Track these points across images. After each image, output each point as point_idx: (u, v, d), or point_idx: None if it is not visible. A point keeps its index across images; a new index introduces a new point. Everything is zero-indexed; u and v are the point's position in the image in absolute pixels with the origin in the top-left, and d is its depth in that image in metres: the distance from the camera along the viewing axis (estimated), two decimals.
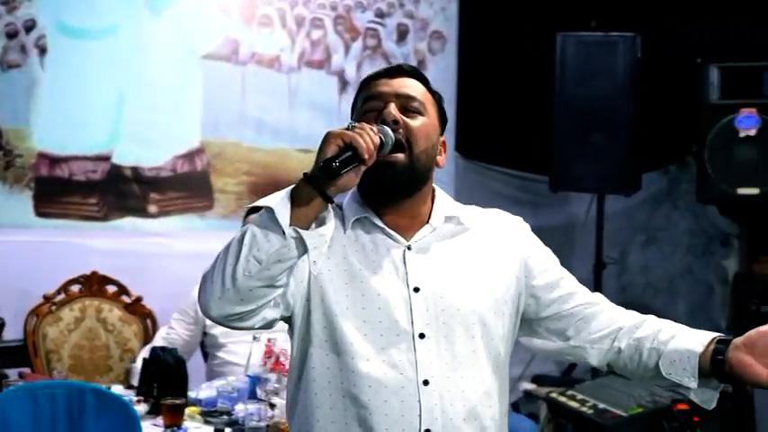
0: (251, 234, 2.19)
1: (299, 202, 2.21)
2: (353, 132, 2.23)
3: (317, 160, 2.23)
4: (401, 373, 2.33)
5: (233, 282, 2.19)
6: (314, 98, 6.84)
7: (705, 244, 9.06)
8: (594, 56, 6.66)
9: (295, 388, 2.45)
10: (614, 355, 2.50)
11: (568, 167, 6.75)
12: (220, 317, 2.27)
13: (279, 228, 2.17)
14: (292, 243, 2.19)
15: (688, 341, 2.39)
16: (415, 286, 2.38)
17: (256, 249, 2.18)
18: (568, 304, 2.53)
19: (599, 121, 6.62)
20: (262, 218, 2.20)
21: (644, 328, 2.48)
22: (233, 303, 2.23)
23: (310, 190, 2.21)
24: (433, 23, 7.00)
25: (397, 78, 2.49)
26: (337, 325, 2.35)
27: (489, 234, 2.52)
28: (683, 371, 2.37)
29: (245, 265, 2.18)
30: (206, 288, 2.25)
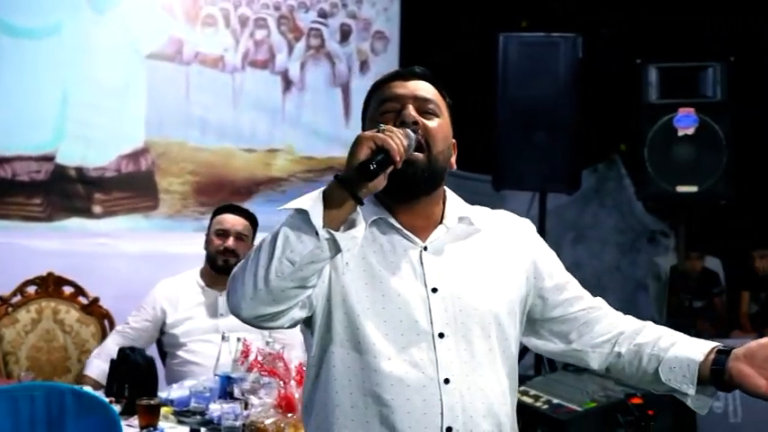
0: (283, 236, 2.19)
1: (331, 204, 2.21)
2: (384, 135, 2.25)
3: (348, 163, 2.24)
4: (423, 372, 2.37)
5: (265, 283, 2.20)
6: (258, 98, 6.86)
7: (632, 241, 9.24)
8: (536, 56, 6.72)
9: (312, 386, 2.48)
10: (614, 359, 2.56)
11: (511, 166, 6.81)
12: (251, 317, 2.28)
13: (312, 229, 2.18)
14: (325, 244, 2.20)
15: (688, 349, 2.45)
16: (433, 287, 2.42)
17: (289, 251, 2.18)
18: (573, 308, 2.59)
19: (541, 120, 6.69)
20: (294, 219, 2.21)
21: (644, 334, 2.54)
22: (264, 304, 2.24)
23: (343, 192, 2.22)
24: (375, 24, 7.04)
25: (412, 81, 2.52)
26: (359, 324, 2.38)
27: (499, 235, 2.56)
28: (682, 377, 2.44)
29: (278, 266, 2.19)
30: (236, 289, 2.26)
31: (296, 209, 2.21)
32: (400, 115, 2.44)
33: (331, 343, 2.40)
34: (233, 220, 5.21)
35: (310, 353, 2.47)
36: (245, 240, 5.21)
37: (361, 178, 2.21)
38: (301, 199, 2.23)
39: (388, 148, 2.23)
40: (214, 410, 4.04)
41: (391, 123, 2.40)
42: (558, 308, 2.58)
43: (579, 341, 2.59)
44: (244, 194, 6.76)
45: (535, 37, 6.82)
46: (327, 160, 6.98)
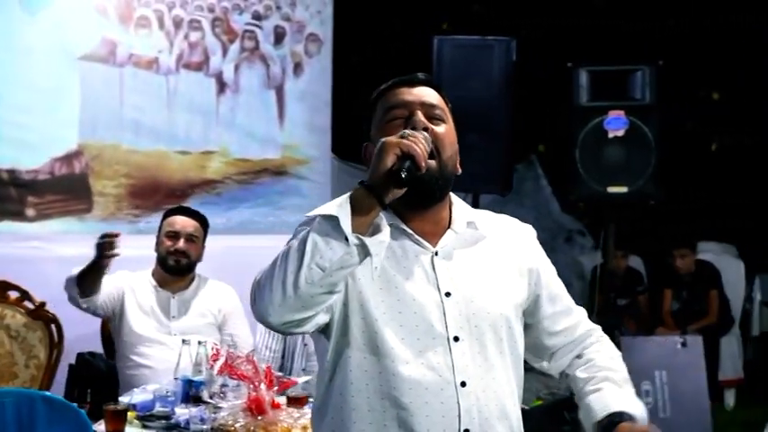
0: (312, 242, 2.21)
1: (359, 210, 2.23)
2: (409, 141, 2.29)
3: (374, 169, 2.28)
4: (440, 376, 2.42)
5: (295, 289, 2.22)
6: (192, 100, 6.84)
7: (549, 241, 9.36)
8: (470, 59, 6.78)
9: (327, 390, 2.51)
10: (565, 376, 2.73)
11: None
12: (279, 324, 2.30)
13: (341, 235, 2.20)
14: (354, 250, 2.23)
15: (595, 404, 2.58)
16: (447, 291, 2.48)
17: (319, 257, 2.20)
18: (558, 325, 2.70)
19: (475, 122, 6.72)
20: (321, 226, 2.22)
21: (587, 367, 2.68)
22: (293, 310, 2.27)
23: (370, 198, 2.25)
24: (309, 26, 7.06)
25: (417, 87, 2.58)
26: (377, 329, 2.41)
27: (504, 241, 2.63)
28: (587, 424, 2.59)
29: (308, 272, 2.21)
30: (263, 296, 2.27)
31: (323, 215, 2.23)
32: (410, 121, 2.48)
33: (348, 347, 2.44)
34: (183, 222, 5.23)
35: (324, 357, 2.50)
36: (195, 242, 5.23)
37: (392, 186, 2.26)
38: (327, 205, 2.25)
39: (414, 155, 2.28)
40: (180, 414, 4.03)
41: (400, 129, 2.43)
42: (546, 319, 2.68)
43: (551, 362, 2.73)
44: (178, 197, 6.72)
45: (469, 40, 6.88)
46: (262, 162, 6.98)
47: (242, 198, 6.92)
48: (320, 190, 7.08)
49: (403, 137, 2.31)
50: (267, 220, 6.99)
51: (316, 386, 2.63)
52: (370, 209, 2.26)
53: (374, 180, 2.26)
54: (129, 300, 5.18)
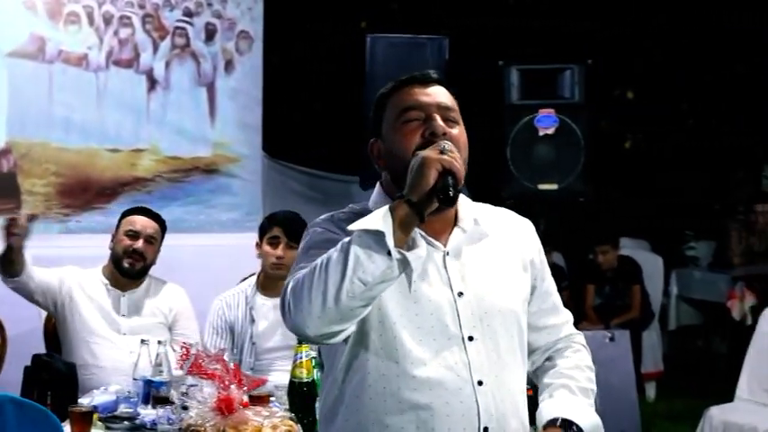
0: (354, 256, 2.21)
1: (401, 225, 2.24)
2: (450, 158, 2.31)
3: (416, 185, 2.28)
4: (458, 375, 2.43)
5: (336, 302, 2.23)
6: (122, 97, 6.75)
7: None
8: (403, 57, 6.80)
9: (340, 393, 2.51)
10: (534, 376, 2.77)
11: None
12: (317, 335, 2.31)
13: (383, 249, 2.21)
14: (395, 264, 2.23)
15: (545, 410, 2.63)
16: (459, 291, 2.49)
17: (361, 271, 2.21)
18: (543, 321, 2.71)
19: None
20: (363, 239, 2.23)
21: (551, 373, 2.72)
22: (332, 323, 2.27)
23: (413, 214, 2.26)
24: (240, 23, 7.02)
25: (431, 87, 2.58)
26: (396, 333, 2.42)
27: (506, 235, 2.64)
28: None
29: (350, 286, 2.21)
30: (301, 308, 2.28)
31: (366, 229, 2.23)
32: (429, 126, 2.49)
33: (365, 351, 2.45)
34: (144, 223, 5.17)
35: (336, 359, 2.50)
36: (153, 244, 5.18)
37: (433, 202, 2.29)
38: (368, 219, 2.26)
39: (455, 171, 2.30)
40: (146, 415, 3.97)
41: (418, 132, 2.48)
42: (532, 315, 2.67)
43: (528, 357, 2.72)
44: (109, 195, 6.65)
45: (402, 38, 6.90)
46: (193, 160, 6.93)
47: (173, 196, 6.84)
48: (251, 188, 7.06)
49: (442, 152, 2.33)
50: (198, 219, 6.95)
51: (323, 388, 2.63)
52: (411, 224, 2.28)
53: (417, 196, 2.27)
54: (79, 294, 5.10)
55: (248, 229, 6.97)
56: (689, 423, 7.26)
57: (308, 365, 4.01)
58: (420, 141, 2.47)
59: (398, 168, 2.47)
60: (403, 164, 2.44)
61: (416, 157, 2.33)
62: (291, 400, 4.02)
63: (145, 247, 5.11)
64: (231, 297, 5.22)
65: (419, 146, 2.46)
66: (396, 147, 2.53)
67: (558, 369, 2.71)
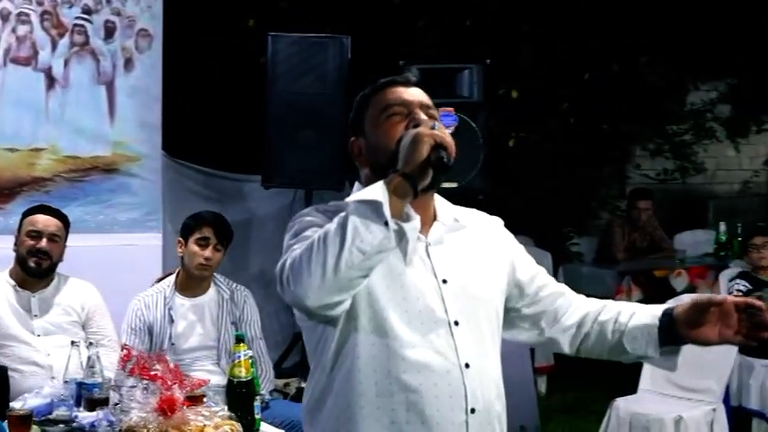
0: (353, 226, 2.28)
1: (396, 196, 2.33)
2: (441, 133, 2.43)
3: (410, 158, 2.38)
4: (446, 358, 2.52)
5: (335, 272, 2.28)
6: (20, 95, 6.58)
7: None
8: (305, 56, 6.86)
9: (328, 378, 2.56)
10: (583, 340, 2.81)
11: (280, 164, 6.92)
12: (317, 306, 2.35)
13: (381, 220, 2.28)
14: (392, 235, 2.30)
15: (644, 317, 2.73)
16: (443, 278, 2.58)
17: (359, 241, 2.27)
18: (544, 295, 2.83)
19: (310, 119, 6.84)
20: (360, 210, 2.30)
21: (605, 312, 2.80)
22: (331, 293, 2.32)
23: (407, 186, 2.35)
24: (139, 21, 6.91)
25: (411, 88, 2.71)
26: (386, 315, 2.49)
27: (480, 231, 2.76)
28: (645, 344, 2.71)
29: (349, 256, 2.27)
30: (301, 280, 2.32)
31: (363, 200, 2.31)
32: (413, 118, 2.59)
33: (355, 333, 2.51)
34: (46, 221, 5.12)
35: (325, 347, 2.55)
36: (57, 242, 5.13)
37: (438, 172, 2.40)
38: (365, 191, 2.34)
39: (446, 146, 2.42)
40: (84, 418, 3.95)
41: (402, 125, 2.58)
42: (529, 296, 2.81)
43: (550, 328, 2.82)
44: (6, 196, 6.50)
45: (304, 37, 6.94)
46: (92, 159, 6.80)
47: (72, 196, 6.70)
48: (151, 187, 6.97)
49: (433, 128, 2.44)
50: (97, 219, 6.83)
51: (309, 382, 2.67)
52: (406, 196, 2.36)
53: (411, 169, 2.37)
54: None
55: (148, 229, 6.94)
56: (583, 416, 7.51)
57: (246, 364, 4.05)
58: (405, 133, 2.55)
59: (382, 161, 2.57)
60: (386, 155, 2.55)
61: (408, 134, 2.44)
62: (230, 399, 4.05)
63: (49, 246, 5.08)
64: (149, 297, 5.22)
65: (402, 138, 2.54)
66: (380, 139, 2.62)
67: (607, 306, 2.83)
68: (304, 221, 2.58)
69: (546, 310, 2.81)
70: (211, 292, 5.28)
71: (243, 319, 5.26)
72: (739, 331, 2.60)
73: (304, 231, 2.51)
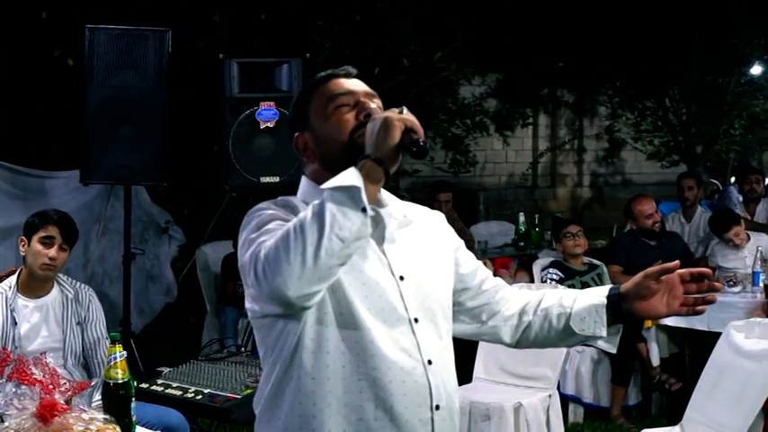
0: (330, 213, 2.22)
1: (371, 181, 2.29)
2: (409, 116, 2.39)
3: (381, 142, 2.35)
4: (410, 356, 2.49)
5: (315, 261, 2.22)
6: None
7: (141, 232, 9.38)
8: (124, 49, 6.67)
9: (287, 375, 2.49)
10: (525, 329, 2.84)
11: (99, 160, 6.71)
12: (297, 297, 2.27)
13: (358, 206, 2.24)
14: (369, 221, 2.25)
15: (590, 298, 2.78)
16: (400, 275, 2.55)
17: (338, 228, 2.22)
18: (485, 288, 2.83)
19: (129, 114, 6.66)
20: (335, 197, 2.24)
21: (546, 299, 2.83)
22: (311, 283, 2.25)
23: (381, 171, 2.32)
24: None
25: (353, 79, 2.66)
26: (354, 310, 2.45)
27: (425, 226, 2.74)
28: (593, 324, 2.75)
29: (328, 244, 2.22)
30: (280, 270, 2.25)
31: (339, 186, 2.26)
32: (363, 108, 2.58)
33: (323, 327, 2.46)
34: None
35: (288, 340, 2.49)
36: None
37: (416, 156, 2.36)
38: (339, 178, 2.29)
39: (416, 130, 2.38)
40: None
41: (351, 115, 2.57)
42: (471, 290, 2.82)
43: (492, 319, 2.84)
44: None
45: (124, 30, 6.75)
46: None
47: None
48: None
49: (401, 112, 2.41)
50: None
51: (264, 376, 2.60)
52: (380, 181, 2.34)
53: (384, 153, 2.35)
54: None
55: None
56: None
57: (122, 366, 3.92)
58: (355, 123, 2.56)
59: (334, 152, 2.56)
60: (340, 146, 2.54)
61: (376, 120, 2.41)
62: (107, 402, 3.91)
63: None
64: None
65: (354, 128, 2.55)
66: (330, 131, 2.59)
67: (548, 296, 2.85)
68: (264, 215, 2.51)
69: (488, 302, 2.83)
70: (55, 292, 5.10)
71: (88, 320, 5.10)
72: (686, 302, 2.69)
73: (267, 224, 2.44)
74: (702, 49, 14.23)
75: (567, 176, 21.75)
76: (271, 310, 2.43)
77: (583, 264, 7.66)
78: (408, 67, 10.28)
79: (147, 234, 9.89)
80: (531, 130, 20.74)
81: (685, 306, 2.70)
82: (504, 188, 20.70)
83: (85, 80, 6.66)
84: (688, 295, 2.70)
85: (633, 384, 7.34)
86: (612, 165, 21.86)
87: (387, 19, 9.94)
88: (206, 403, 4.91)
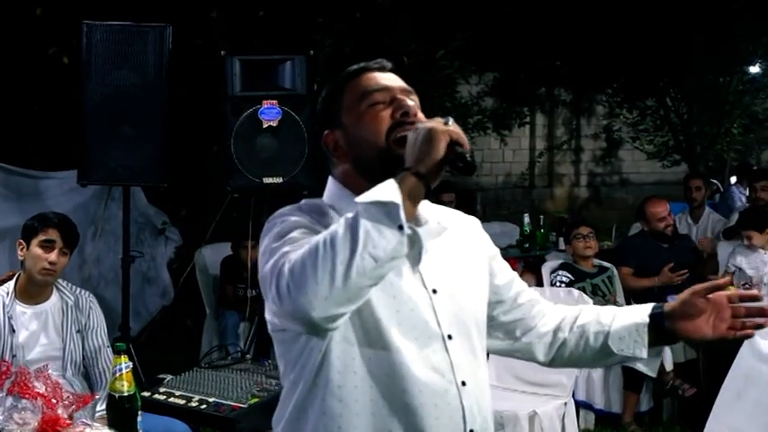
0: (364, 229, 2.02)
1: (411, 198, 2.10)
2: (457, 129, 2.19)
3: (425, 156, 2.15)
4: (443, 376, 2.31)
5: (345, 281, 2.02)
6: None
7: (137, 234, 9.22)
8: (123, 45, 6.49)
9: (311, 394, 2.31)
10: (560, 347, 2.63)
11: (98, 160, 6.52)
12: (322, 318, 2.07)
13: (394, 223, 2.04)
14: (405, 240, 2.05)
15: (631, 317, 2.57)
16: (433, 288, 2.35)
17: (372, 246, 2.02)
18: (522, 302, 2.63)
19: (129, 112, 6.48)
20: (371, 213, 2.04)
21: (583, 316, 2.62)
22: (339, 304, 2.06)
23: (421, 187, 2.13)
24: None
25: (387, 73, 2.46)
26: (382, 329, 2.26)
27: (461, 233, 2.53)
28: (633, 343, 2.54)
29: (360, 263, 2.01)
30: (306, 289, 2.04)
31: (376, 201, 2.06)
32: (399, 105, 2.38)
33: (349, 346, 2.27)
34: None
35: (311, 357, 2.30)
36: None
37: (462, 173, 2.18)
38: (376, 191, 2.09)
39: (462, 142, 2.18)
40: None
41: (386, 114, 2.37)
42: (507, 303, 2.62)
43: (526, 335, 2.64)
44: None
45: (123, 26, 6.56)
46: None
47: None
48: None
49: (446, 123, 2.21)
50: None
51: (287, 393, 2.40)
52: (419, 197, 2.15)
53: (427, 167, 2.15)
54: None
55: None
56: None
57: (128, 378, 3.75)
58: (391, 123, 2.36)
59: (368, 154, 2.37)
60: (374, 148, 2.35)
61: (419, 130, 2.20)
62: (113, 415, 3.74)
63: None
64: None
65: (390, 128, 2.36)
66: (364, 131, 2.39)
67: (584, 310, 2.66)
68: (288, 222, 2.29)
69: (524, 317, 2.64)
70: (54, 298, 4.91)
71: (89, 327, 4.92)
72: (734, 325, 2.49)
73: (290, 233, 2.24)
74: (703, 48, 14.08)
75: (565, 176, 21.61)
76: (292, 327, 2.24)
77: (593, 266, 7.49)
78: (409, 65, 10.14)
79: (144, 235, 9.74)
80: (529, 129, 20.56)
81: (733, 330, 2.49)
82: (502, 188, 20.56)
83: (83, 78, 6.47)
84: (736, 318, 2.49)
85: (645, 390, 7.15)
86: (610, 164, 21.73)
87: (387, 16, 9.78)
88: (211, 413, 4.76)
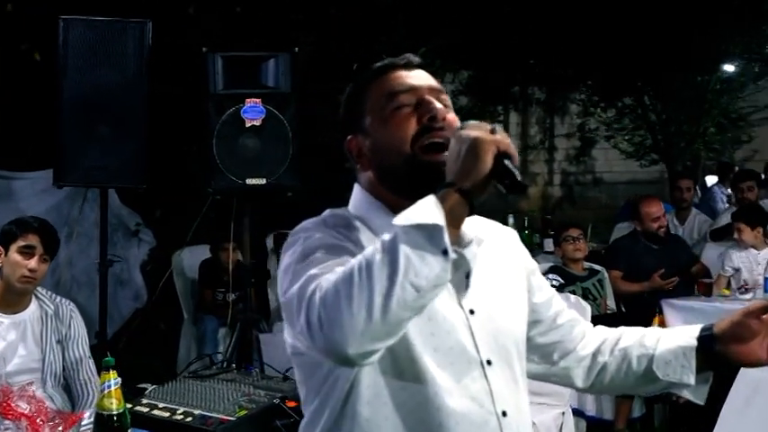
0: (404, 256, 1.79)
1: (452, 218, 1.87)
2: (503, 138, 1.97)
3: (470, 170, 1.92)
4: (481, 406, 2.11)
5: (384, 314, 1.79)
6: None
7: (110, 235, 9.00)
8: (101, 41, 6.22)
9: (337, 425, 2.11)
10: (600, 371, 2.44)
11: (74, 161, 6.25)
12: (358, 355, 1.85)
13: (437, 248, 1.81)
14: (450, 266, 1.83)
15: (677, 339, 2.36)
16: (470, 308, 2.15)
17: (414, 275, 1.79)
18: (561, 322, 2.43)
19: (107, 111, 6.23)
20: (411, 237, 1.81)
21: (625, 338, 2.42)
22: (376, 339, 1.84)
23: (465, 205, 1.90)
24: None
25: (415, 70, 2.26)
26: (415, 356, 2.05)
27: (498, 246, 2.33)
28: (681, 368, 2.34)
29: (401, 293, 1.79)
30: (341, 323, 1.82)
31: (417, 224, 1.83)
32: (426, 109, 2.18)
33: (378, 376, 2.07)
34: None
35: (337, 384, 2.10)
36: None
37: (510, 191, 1.95)
38: (414, 211, 1.86)
39: (511, 155, 1.97)
40: None
41: (413, 119, 2.18)
42: (545, 324, 2.42)
43: (564, 359, 2.44)
44: None
45: (101, 21, 6.30)
46: None
47: None
48: None
49: (493, 132, 1.99)
50: None
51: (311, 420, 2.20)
52: (463, 216, 1.93)
53: (472, 183, 1.92)
54: None
55: None
56: None
57: (117, 395, 3.51)
58: (417, 129, 2.16)
59: (393, 163, 2.17)
60: (399, 157, 2.15)
61: (463, 139, 1.97)
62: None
63: None
64: None
65: (417, 134, 2.15)
66: (388, 138, 2.19)
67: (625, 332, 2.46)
68: (313, 239, 2.07)
69: (562, 339, 2.43)
70: (33, 307, 4.67)
71: (69, 337, 4.68)
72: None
73: (315, 252, 2.02)
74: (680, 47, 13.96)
75: (538, 175, 21.52)
76: (320, 358, 2.01)
77: (583, 269, 7.34)
78: None
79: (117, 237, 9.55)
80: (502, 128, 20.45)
81: None
82: None
83: (59, 75, 6.19)
84: None
85: (637, 396, 7.01)
86: (583, 163, 21.66)
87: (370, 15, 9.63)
88: (197, 426, 4.54)
